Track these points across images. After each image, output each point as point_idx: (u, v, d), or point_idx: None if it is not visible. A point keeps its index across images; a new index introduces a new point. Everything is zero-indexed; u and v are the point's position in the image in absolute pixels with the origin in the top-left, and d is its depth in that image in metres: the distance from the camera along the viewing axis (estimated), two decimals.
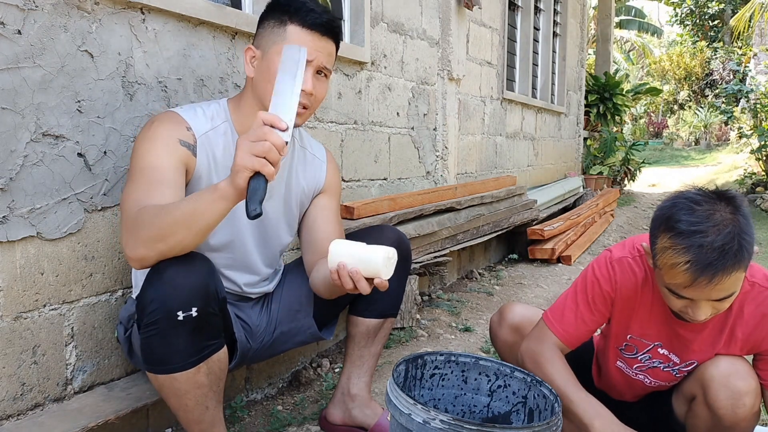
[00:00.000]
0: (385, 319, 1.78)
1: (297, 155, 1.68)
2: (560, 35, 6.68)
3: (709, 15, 21.84)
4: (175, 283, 1.25)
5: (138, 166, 1.37)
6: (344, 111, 2.72)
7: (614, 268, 1.47)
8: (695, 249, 1.19)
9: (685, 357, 1.49)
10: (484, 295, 3.58)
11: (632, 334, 1.52)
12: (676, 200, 1.28)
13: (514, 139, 5.22)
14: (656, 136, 20.17)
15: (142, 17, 1.66)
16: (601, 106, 8.11)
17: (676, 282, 1.24)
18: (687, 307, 1.30)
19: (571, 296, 1.52)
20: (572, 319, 1.50)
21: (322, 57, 1.48)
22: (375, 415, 1.78)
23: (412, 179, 3.40)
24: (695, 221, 1.21)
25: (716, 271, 1.19)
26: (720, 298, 1.26)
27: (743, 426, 1.41)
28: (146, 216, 1.25)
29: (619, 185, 8.72)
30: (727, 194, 1.26)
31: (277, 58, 1.43)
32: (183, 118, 1.46)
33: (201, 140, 1.47)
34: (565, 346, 1.50)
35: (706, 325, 1.43)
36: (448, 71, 3.67)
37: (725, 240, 1.19)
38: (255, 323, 1.70)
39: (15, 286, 1.41)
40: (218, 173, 1.50)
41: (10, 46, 1.35)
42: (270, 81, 1.45)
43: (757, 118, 9.91)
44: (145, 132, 1.42)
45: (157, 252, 1.25)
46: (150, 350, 1.30)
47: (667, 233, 1.24)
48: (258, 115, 1.18)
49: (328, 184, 1.74)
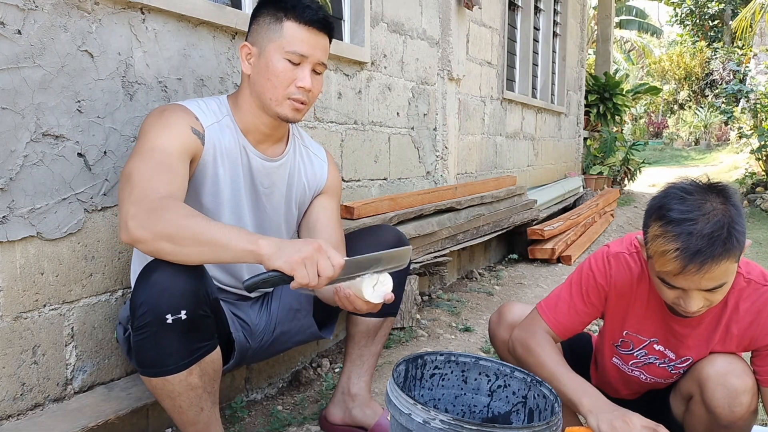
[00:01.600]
0: (384, 318, 1.78)
1: (300, 153, 1.69)
2: (560, 35, 6.68)
3: (709, 15, 21.84)
4: (164, 286, 1.25)
5: (148, 146, 1.36)
6: (344, 111, 2.72)
7: (610, 263, 1.48)
8: (685, 236, 1.21)
9: (681, 353, 1.50)
10: (484, 295, 3.58)
11: (628, 330, 1.53)
12: (668, 190, 1.30)
13: (514, 139, 5.22)
14: (656, 136, 20.18)
15: (142, 17, 1.66)
16: (601, 106, 8.11)
17: (666, 270, 1.25)
18: (679, 298, 1.30)
19: (566, 288, 1.54)
20: (565, 310, 1.51)
21: (318, 53, 1.49)
22: (375, 415, 1.78)
23: (412, 179, 3.40)
24: (686, 210, 1.23)
25: (705, 258, 1.20)
26: (710, 288, 1.26)
27: (740, 425, 1.41)
28: (174, 213, 1.24)
29: (619, 185, 8.72)
30: (718, 186, 1.28)
31: (275, 55, 1.45)
32: (190, 109, 1.47)
33: (208, 131, 1.48)
34: (555, 335, 1.52)
35: (702, 320, 1.44)
36: (448, 71, 3.67)
37: (714, 228, 1.20)
38: (254, 322, 1.70)
39: (15, 286, 1.41)
40: (224, 165, 1.51)
41: (10, 46, 1.35)
42: (269, 78, 1.46)
43: (757, 118, 9.90)
44: (156, 118, 1.42)
45: (157, 248, 1.24)
46: (142, 353, 1.29)
47: (659, 221, 1.26)
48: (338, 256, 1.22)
49: (329, 184, 1.74)
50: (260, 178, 1.59)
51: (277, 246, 1.19)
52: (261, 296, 1.75)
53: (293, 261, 1.17)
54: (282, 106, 1.48)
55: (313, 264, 1.18)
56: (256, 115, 1.53)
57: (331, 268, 1.19)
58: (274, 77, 1.46)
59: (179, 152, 1.39)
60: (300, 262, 1.17)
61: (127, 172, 1.34)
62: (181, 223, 1.23)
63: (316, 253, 1.19)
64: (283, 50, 1.45)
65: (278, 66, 1.45)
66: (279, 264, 1.17)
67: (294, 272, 1.17)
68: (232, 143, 1.52)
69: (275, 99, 1.48)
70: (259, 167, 1.58)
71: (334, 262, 1.20)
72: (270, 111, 1.50)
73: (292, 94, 1.47)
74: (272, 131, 1.57)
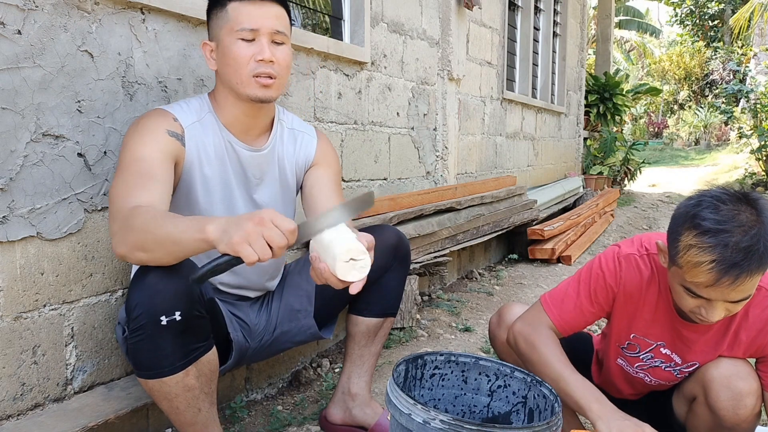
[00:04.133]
0: (385, 318, 1.78)
1: (285, 136, 1.66)
2: (560, 35, 6.68)
3: (709, 15, 21.83)
4: (158, 288, 1.25)
5: (126, 159, 1.36)
6: (344, 111, 2.72)
7: (621, 264, 1.46)
8: (721, 248, 1.18)
9: (688, 358, 1.49)
10: (484, 295, 3.58)
11: (635, 333, 1.52)
12: (701, 198, 1.26)
13: (514, 139, 5.22)
14: (656, 136, 20.17)
15: (142, 17, 1.66)
16: (601, 106, 8.11)
17: (697, 281, 1.23)
18: (701, 307, 1.28)
19: (574, 285, 1.51)
20: (571, 308, 1.49)
21: (270, 22, 1.44)
22: (375, 415, 1.78)
23: (412, 179, 3.40)
24: (721, 220, 1.20)
25: (741, 271, 1.18)
26: (737, 300, 1.25)
27: (744, 427, 1.41)
28: (139, 220, 1.23)
29: (619, 185, 8.72)
30: (751, 196, 1.25)
31: (228, 40, 1.43)
32: (168, 111, 1.47)
33: (189, 130, 1.46)
34: (558, 332, 1.49)
35: (711, 327, 1.43)
36: (448, 71, 3.67)
37: (752, 242, 1.18)
38: (253, 322, 1.70)
39: (15, 286, 1.41)
40: (210, 164, 1.50)
41: (10, 46, 1.35)
42: (229, 64, 1.44)
43: (757, 118, 9.91)
44: (133, 127, 1.42)
45: (137, 258, 1.25)
46: (138, 355, 1.29)
47: (692, 231, 1.23)
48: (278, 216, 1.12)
49: (319, 155, 1.70)
50: (250, 169, 1.58)
51: (222, 229, 1.12)
52: (261, 296, 1.75)
53: (234, 243, 1.09)
54: (249, 86, 1.45)
55: (259, 238, 1.08)
56: (234, 106, 1.51)
57: (281, 237, 1.10)
58: (233, 61, 1.43)
59: (158, 158, 1.37)
60: (241, 242, 1.08)
61: (111, 192, 1.35)
62: (145, 228, 1.21)
63: (259, 227, 1.09)
64: (234, 31, 1.42)
65: (233, 49, 1.43)
66: (222, 249, 1.11)
67: (238, 253, 1.09)
68: (217, 139, 1.51)
69: (241, 82, 1.45)
70: (248, 158, 1.57)
71: (284, 228, 1.10)
72: (241, 96, 1.47)
73: (254, 71, 1.43)
74: (253, 120, 1.55)
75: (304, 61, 2.42)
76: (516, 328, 1.52)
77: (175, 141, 1.43)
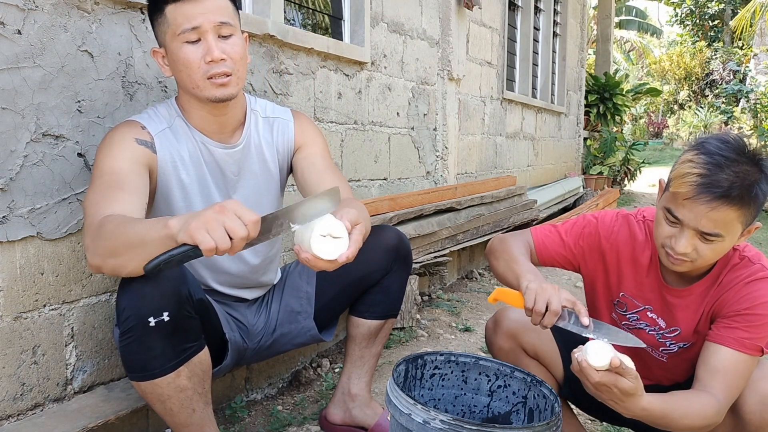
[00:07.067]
0: (386, 320, 1.78)
1: (261, 125, 1.62)
2: (560, 35, 6.69)
3: (709, 15, 21.85)
4: (145, 290, 1.24)
5: (97, 172, 1.35)
6: (344, 111, 2.72)
7: (617, 220, 1.53)
8: (712, 167, 1.24)
9: (671, 323, 1.50)
10: (484, 295, 3.58)
11: (624, 292, 1.54)
12: (716, 134, 1.33)
13: (514, 139, 5.22)
14: (656, 136, 20.18)
15: (142, 17, 1.66)
16: (601, 106, 8.11)
17: (679, 191, 1.27)
18: (671, 237, 1.31)
19: (567, 223, 1.59)
20: (556, 238, 1.57)
21: (210, 16, 1.38)
22: (375, 415, 1.78)
23: (412, 179, 3.40)
24: (725, 149, 1.26)
25: (721, 194, 1.22)
26: (707, 232, 1.26)
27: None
28: (108, 227, 1.21)
29: (619, 185, 8.72)
30: (758, 155, 1.31)
31: (173, 45, 1.39)
32: (136, 120, 1.45)
33: (159, 138, 1.44)
34: (534, 252, 1.56)
35: (692, 292, 1.44)
36: (448, 71, 3.67)
37: (742, 176, 1.23)
38: (251, 323, 1.69)
39: (15, 286, 1.41)
40: (186, 168, 1.49)
41: (10, 46, 1.35)
42: (180, 70, 1.40)
43: (757, 118, 9.92)
44: (103, 141, 1.40)
45: (110, 267, 1.22)
46: (129, 358, 1.28)
47: (695, 150, 1.30)
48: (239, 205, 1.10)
49: (299, 137, 1.66)
50: (228, 167, 1.55)
51: (184, 219, 1.09)
52: (260, 297, 1.75)
53: (191, 229, 1.05)
54: (206, 89, 1.40)
55: (218, 226, 1.05)
56: (198, 108, 1.48)
57: (242, 227, 1.06)
58: (184, 66, 1.39)
59: (128, 167, 1.35)
60: (199, 229, 1.05)
61: (83, 206, 1.33)
62: (114, 234, 1.19)
63: (219, 215, 1.06)
64: (176, 36, 1.37)
65: (180, 55, 1.38)
66: (181, 237, 1.07)
67: (195, 240, 1.05)
68: (190, 143, 1.49)
69: (196, 86, 1.41)
70: (223, 156, 1.54)
71: (246, 219, 1.07)
72: (201, 98, 1.44)
73: (207, 72, 1.39)
74: (223, 118, 1.51)
75: (304, 61, 2.42)
76: (496, 237, 1.61)
77: (144, 149, 1.40)
